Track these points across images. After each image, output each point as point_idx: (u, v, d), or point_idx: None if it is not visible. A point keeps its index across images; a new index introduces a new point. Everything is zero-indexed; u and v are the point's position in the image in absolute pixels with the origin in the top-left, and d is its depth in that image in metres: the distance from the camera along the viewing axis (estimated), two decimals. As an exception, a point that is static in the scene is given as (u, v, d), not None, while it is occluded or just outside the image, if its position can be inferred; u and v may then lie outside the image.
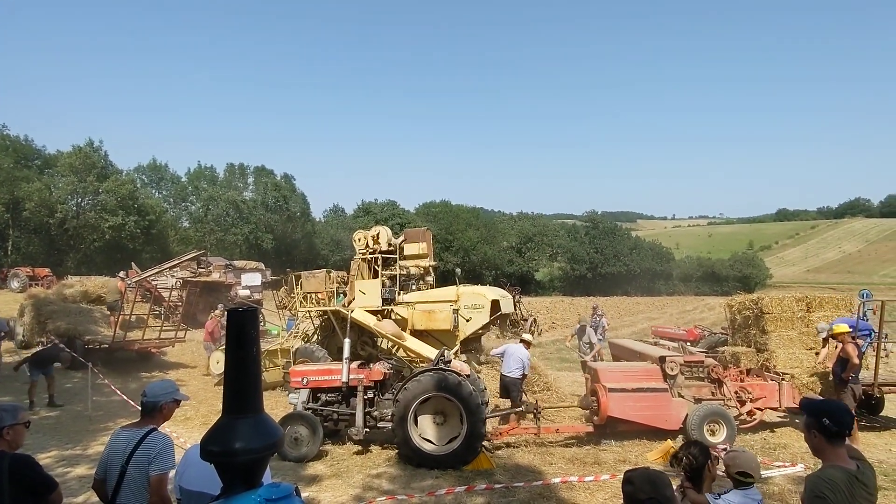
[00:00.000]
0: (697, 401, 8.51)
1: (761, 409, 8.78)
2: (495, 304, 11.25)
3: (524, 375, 9.41)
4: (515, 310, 20.70)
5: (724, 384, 8.87)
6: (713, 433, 8.04)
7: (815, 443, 2.62)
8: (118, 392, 10.59)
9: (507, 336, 20.32)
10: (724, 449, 6.48)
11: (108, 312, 15.27)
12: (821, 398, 3.22)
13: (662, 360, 8.95)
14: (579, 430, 8.63)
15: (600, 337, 14.95)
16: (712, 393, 8.80)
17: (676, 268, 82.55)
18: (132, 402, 9.82)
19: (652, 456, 7.61)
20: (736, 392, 8.79)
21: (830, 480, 2.46)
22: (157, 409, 3.50)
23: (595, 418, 8.38)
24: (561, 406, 9.81)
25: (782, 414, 9.47)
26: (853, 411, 6.82)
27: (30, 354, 11.42)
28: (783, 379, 9.05)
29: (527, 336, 10.04)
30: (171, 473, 3.33)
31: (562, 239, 76.99)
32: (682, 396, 8.54)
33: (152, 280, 19.13)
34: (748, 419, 8.73)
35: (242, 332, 1.68)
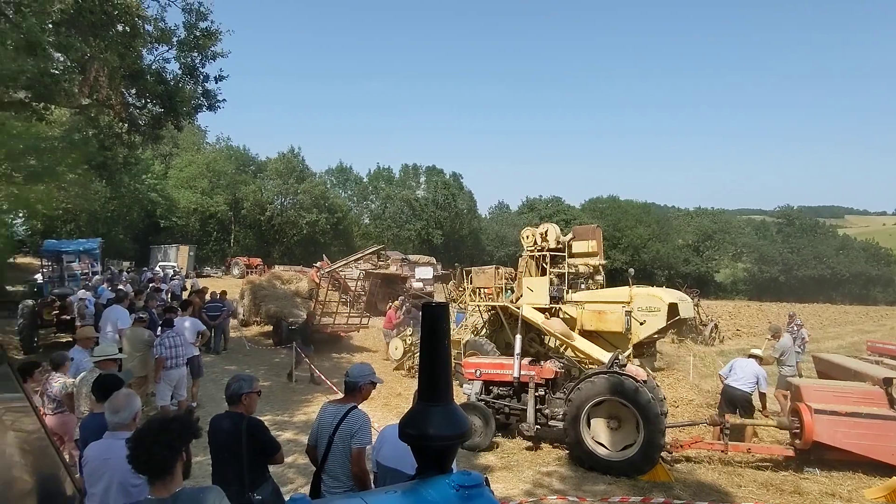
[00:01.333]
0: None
1: None
2: (673, 308, 10.48)
3: (762, 393, 8.51)
4: (695, 314, 19.08)
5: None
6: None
7: None
8: (315, 369, 12.04)
9: (682, 342, 18.82)
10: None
11: (306, 298, 17.39)
12: None
13: (888, 382, 7.55)
14: (776, 452, 7.64)
15: (799, 349, 13.08)
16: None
17: (900, 272, 68.41)
18: (326, 380, 11.10)
19: (872, 494, 6.45)
20: None
21: None
22: (356, 389, 3.90)
23: (797, 442, 7.35)
24: (753, 423, 8.78)
25: None
26: None
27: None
28: None
29: (756, 351, 9.00)
30: (369, 448, 3.70)
31: (748, 237, 68.72)
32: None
33: (340, 271, 21.37)
34: None
35: (436, 325, 1.78)
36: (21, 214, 24.53)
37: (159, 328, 8.97)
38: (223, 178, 48.54)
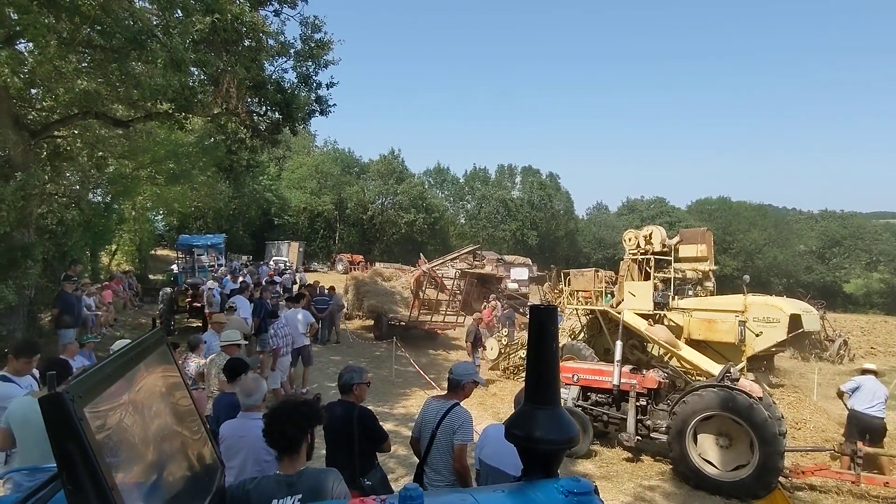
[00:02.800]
0: None
1: None
2: (795, 320, 9.62)
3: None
4: (821, 328, 17.31)
5: None
6: None
7: None
8: (413, 363, 12.41)
9: (806, 358, 17.14)
10: None
11: (408, 295, 17.98)
12: None
13: None
14: (922, 490, 6.75)
15: None
16: None
17: None
18: (424, 374, 11.41)
19: None
20: None
21: None
22: (459, 387, 3.98)
23: (950, 480, 6.44)
24: (890, 454, 7.82)
25: None
26: None
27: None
28: None
29: (869, 365, 8.11)
30: (470, 445, 3.76)
31: (885, 243, 60.83)
32: None
33: (437, 270, 21.82)
34: None
35: (543, 329, 1.76)
36: (161, 212, 27.70)
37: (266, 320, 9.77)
38: (329, 179, 51.41)
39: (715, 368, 8.73)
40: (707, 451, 6.92)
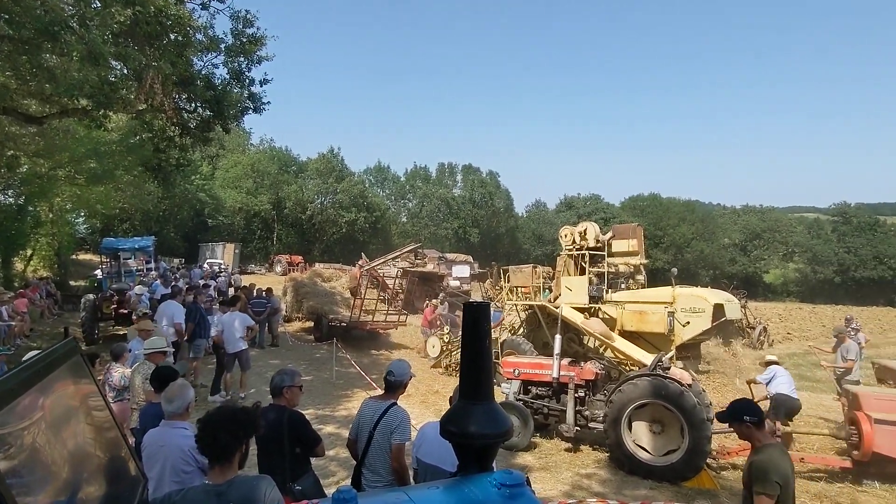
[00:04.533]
0: None
1: None
2: (718, 309, 10.19)
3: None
4: (742, 316, 18.47)
5: None
6: None
7: (748, 433, 3.36)
8: (355, 364, 12.25)
9: (729, 345, 18.25)
10: None
11: (348, 296, 17.73)
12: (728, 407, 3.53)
13: (955, 391, 7.12)
14: (832, 463, 7.33)
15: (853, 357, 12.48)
16: None
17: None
18: (366, 375, 11.29)
19: (937, 509, 6.13)
20: None
21: (771, 455, 3.25)
22: (401, 386, 3.98)
23: (855, 453, 7.04)
24: (807, 433, 8.46)
25: None
26: None
27: None
28: None
29: (771, 357, 8.89)
30: (408, 444, 3.77)
31: (799, 235, 65.80)
32: None
33: (379, 269, 21.65)
34: None
35: (476, 325, 1.80)
36: (82, 214, 26.00)
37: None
38: (266, 178, 49.96)
39: (647, 358, 9.11)
40: (641, 438, 7.22)
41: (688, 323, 10.20)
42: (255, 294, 15.28)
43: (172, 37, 8.86)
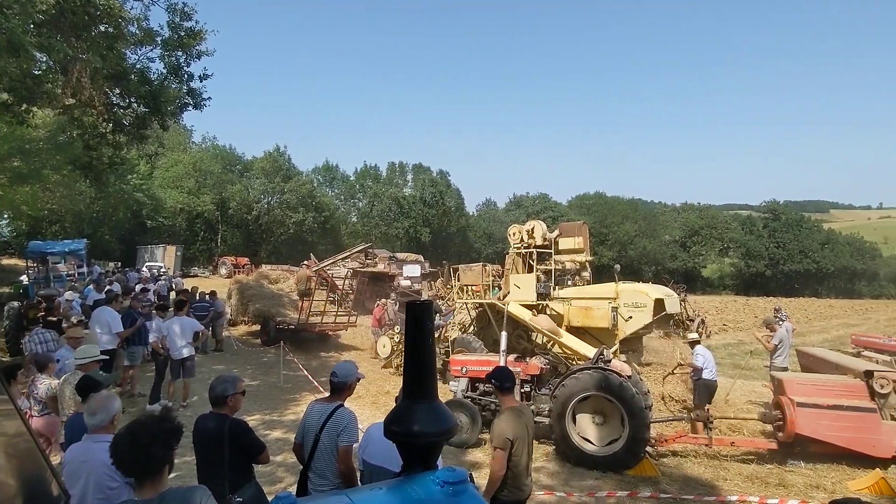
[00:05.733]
0: (917, 427, 7.15)
1: None
2: (659, 304, 10.58)
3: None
4: (682, 310, 19.26)
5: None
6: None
7: (497, 395, 4.31)
8: (303, 368, 12.02)
9: (669, 337, 19.02)
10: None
11: (296, 298, 17.34)
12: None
13: (869, 374, 7.67)
14: (760, 445, 7.79)
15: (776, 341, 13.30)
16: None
17: (884, 266, 69.63)
18: (314, 379, 11.10)
19: (856, 486, 6.60)
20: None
21: (507, 416, 4.01)
22: (346, 388, 3.93)
23: (780, 435, 7.49)
24: (737, 418, 8.93)
25: None
26: None
27: None
28: None
29: (692, 335, 9.39)
30: (355, 447, 3.73)
31: (734, 232, 69.44)
32: None
33: (328, 270, 21.31)
34: None
35: (420, 324, 1.82)
36: (6, 216, 24.26)
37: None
38: (209, 178, 48.20)
39: (592, 352, 9.38)
40: (585, 430, 7.44)
41: (630, 317, 10.53)
42: (197, 297, 14.72)
43: (102, 28, 8.38)
